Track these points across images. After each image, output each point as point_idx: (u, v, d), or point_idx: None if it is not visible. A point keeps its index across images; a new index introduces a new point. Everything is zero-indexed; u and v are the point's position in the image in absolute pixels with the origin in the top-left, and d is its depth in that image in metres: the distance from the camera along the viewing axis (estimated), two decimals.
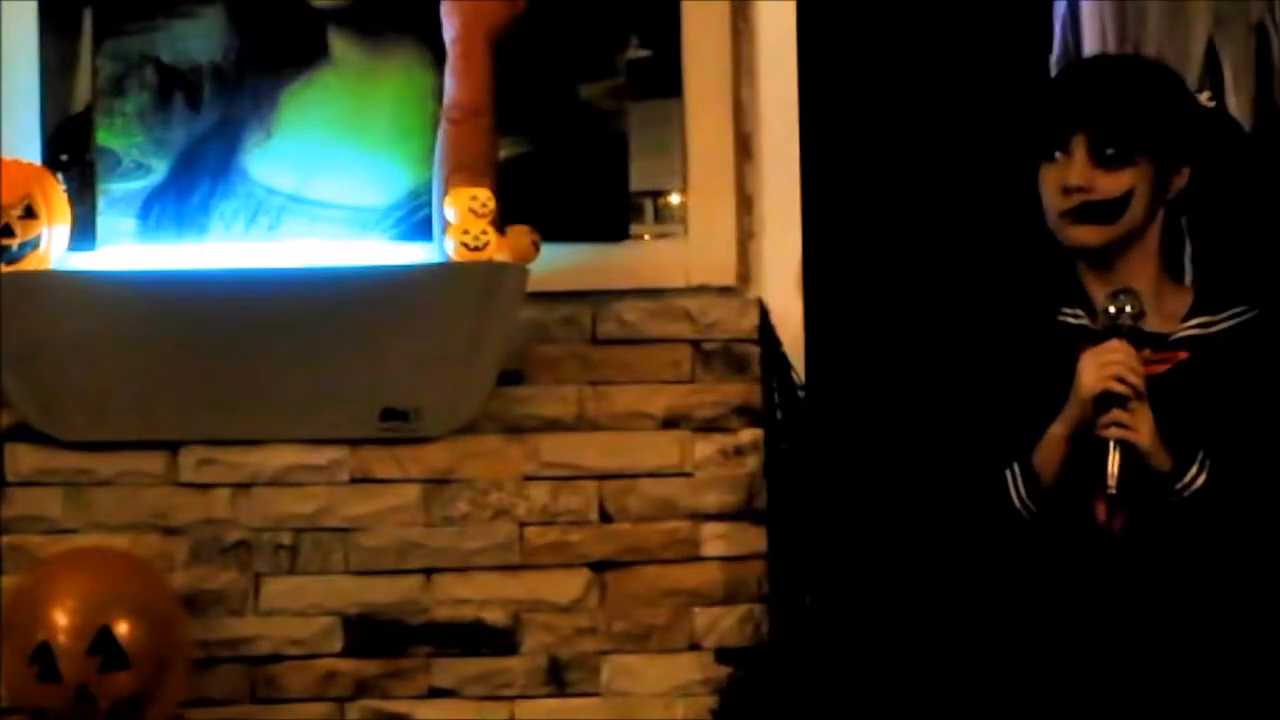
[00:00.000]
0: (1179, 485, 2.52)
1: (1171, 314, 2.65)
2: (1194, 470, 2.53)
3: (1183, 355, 2.60)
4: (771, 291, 3.34)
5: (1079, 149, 2.61)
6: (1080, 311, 2.65)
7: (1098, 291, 2.63)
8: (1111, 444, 2.51)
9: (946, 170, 3.50)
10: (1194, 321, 2.63)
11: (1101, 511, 2.54)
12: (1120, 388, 2.51)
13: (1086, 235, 2.62)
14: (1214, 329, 2.63)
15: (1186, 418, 2.55)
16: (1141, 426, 2.51)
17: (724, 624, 3.29)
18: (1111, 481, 2.50)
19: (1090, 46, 3.34)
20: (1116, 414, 2.51)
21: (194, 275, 3.23)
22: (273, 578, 3.27)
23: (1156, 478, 2.52)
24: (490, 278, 3.19)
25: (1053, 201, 2.64)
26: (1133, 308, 2.55)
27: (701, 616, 3.30)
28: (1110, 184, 2.60)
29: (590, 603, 3.29)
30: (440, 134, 3.21)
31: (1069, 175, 2.61)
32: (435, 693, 3.27)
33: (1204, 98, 2.78)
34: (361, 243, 3.30)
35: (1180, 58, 3.27)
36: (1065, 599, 2.58)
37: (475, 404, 3.26)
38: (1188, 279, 2.87)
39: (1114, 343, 2.54)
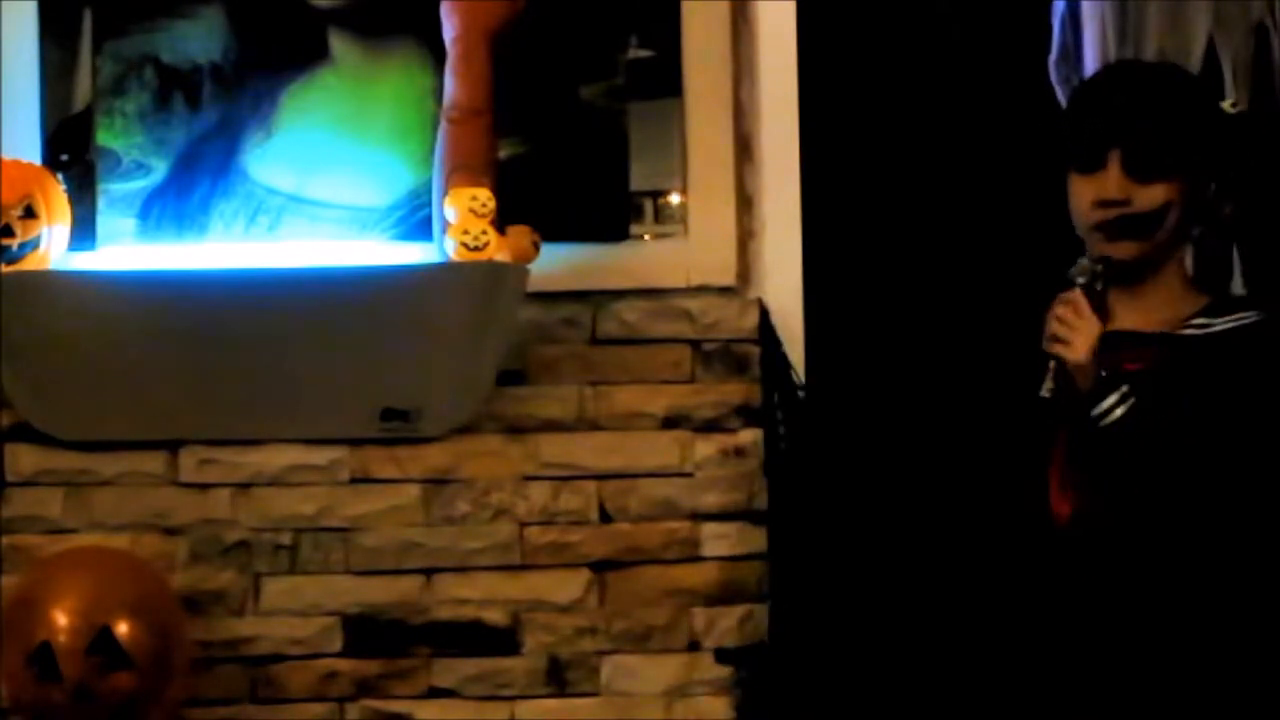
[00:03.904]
0: (1096, 412, 2.53)
1: (1179, 319, 2.63)
2: (1112, 400, 2.53)
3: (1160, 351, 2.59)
4: (771, 291, 3.35)
5: (1114, 163, 2.57)
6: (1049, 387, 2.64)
7: (1117, 301, 2.62)
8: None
9: (947, 169, 3.50)
10: (1193, 323, 2.62)
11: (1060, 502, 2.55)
12: (1056, 331, 2.55)
13: (1122, 250, 2.60)
14: (1210, 330, 2.61)
15: (1160, 412, 2.54)
16: (1078, 343, 2.53)
17: (724, 624, 3.29)
18: (1045, 391, 2.57)
19: (1090, 46, 3.33)
20: (1056, 329, 2.55)
21: (194, 275, 3.23)
22: (273, 578, 3.27)
23: (1081, 400, 2.54)
24: (490, 278, 3.19)
25: (1085, 213, 2.60)
26: (1090, 276, 2.58)
27: (701, 616, 3.30)
28: (1147, 197, 2.56)
29: (590, 603, 3.29)
30: (440, 134, 3.21)
31: (1105, 189, 2.57)
32: (435, 693, 3.27)
33: (1228, 105, 2.75)
34: (361, 243, 3.30)
35: (1180, 58, 3.26)
36: (1060, 597, 2.58)
37: (475, 404, 3.27)
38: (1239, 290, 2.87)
39: (1062, 296, 2.58)
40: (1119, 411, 2.52)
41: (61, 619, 3.03)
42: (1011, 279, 2.80)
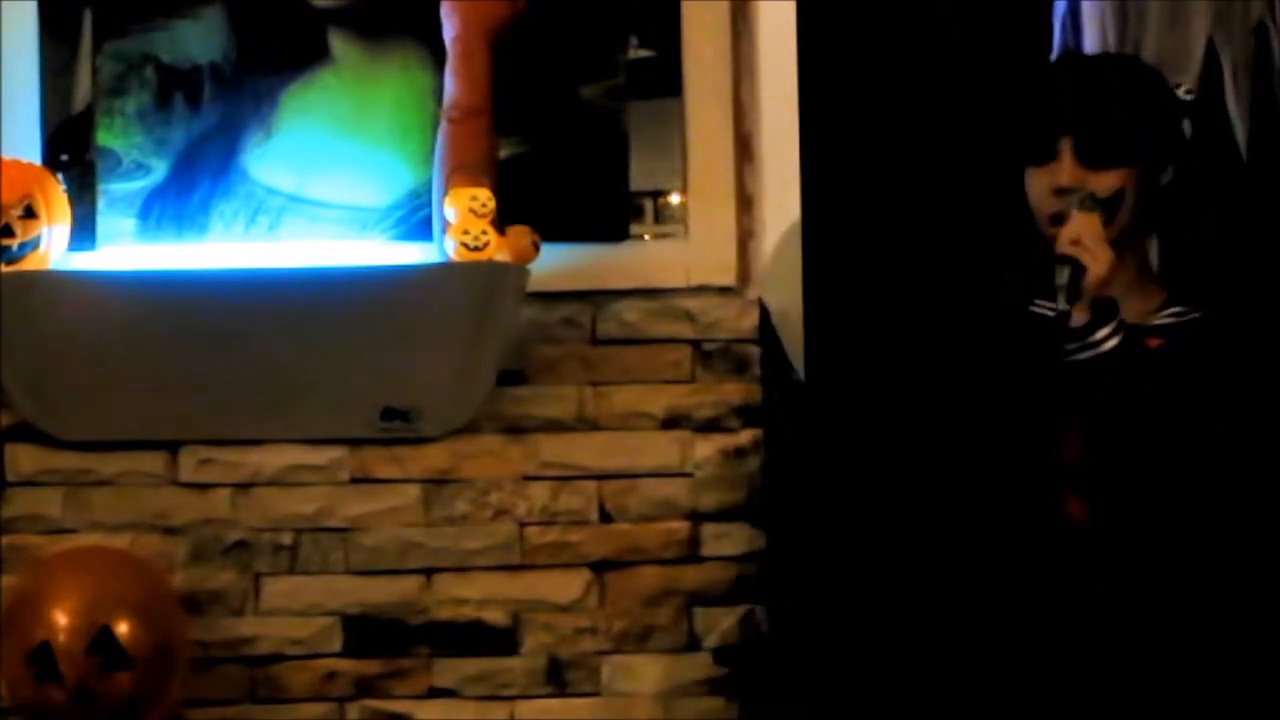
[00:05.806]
0: (1092, 339, 2.52)
1: (1143, 311, 2.64)
2: (1107, 330, 2.52)
3: (1155, 342, 2.60)
4: (772, 291, 3.35)
5: (1066, 151, 2.60)
6: (1056, 306, 2.64)
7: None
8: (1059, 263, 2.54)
9: (947, 169, 3.49)
10: (1168, 311, 2.64)
11: (1073, 506, 2.56)
12: (1072, 251, 2.53)
13: None
14: (1188, 318, 2.63)
15: (1155, 404, 2.54)
16: (1101, 256, 2.52)
17: (724, 624, 3.29)
18: (1061, 299, 2.54)
19: (1091, 46, 3.33)
20: (1072, 249, 2.54)
21: (194, 275, 3.24)
22: (273, 578, 3.27)
23: (1072, 330, 2.53)
24: (490, 278, 3.19)
25: (1042, 204, 2.64)
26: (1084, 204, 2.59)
27: (701, 616, 3.30)
28: (1101, 184, 2.60)
29: (590, 603, 3.29)
30: (440, 134, 3.21)
31: (1059, 177, 2.60)
32: (435, 693, 3.27)
33: (1182, 91, 2.76)
34: (361, 243, 3.31)
35: (1180, 58, 3.27)
36: (1057, 596, 2.58)
37: (475, 404, 3.27)
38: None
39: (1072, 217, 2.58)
40: (1111, 344, 2.52)
41: (61, 619, 3.03)
42: (1012, 278, 2.80)
